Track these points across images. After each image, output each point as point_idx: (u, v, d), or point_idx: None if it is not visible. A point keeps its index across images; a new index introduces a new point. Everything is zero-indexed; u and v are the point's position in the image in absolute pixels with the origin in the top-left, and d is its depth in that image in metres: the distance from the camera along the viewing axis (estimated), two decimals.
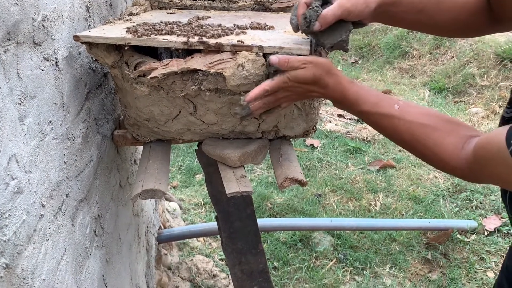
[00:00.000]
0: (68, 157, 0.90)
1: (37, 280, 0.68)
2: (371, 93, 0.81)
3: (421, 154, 0.78)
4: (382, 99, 0.80)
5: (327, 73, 0.82)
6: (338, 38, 0.86)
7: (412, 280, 2.10)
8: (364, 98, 0.80)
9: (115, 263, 1.19)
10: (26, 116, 0.72)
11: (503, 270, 0.83)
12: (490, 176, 0.67)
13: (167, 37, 0.94)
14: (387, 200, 2.57)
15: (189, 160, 3.06)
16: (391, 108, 0.78)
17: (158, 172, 1.03)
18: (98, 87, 1.15)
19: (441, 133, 0.74)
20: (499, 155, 0.60)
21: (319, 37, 0.88)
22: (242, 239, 1.41)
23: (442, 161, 0.74)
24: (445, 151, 0.73)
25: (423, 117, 0.76)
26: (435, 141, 0.74)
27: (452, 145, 0.72)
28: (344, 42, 0.87)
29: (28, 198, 0.68)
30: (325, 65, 0.82)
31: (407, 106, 0.79)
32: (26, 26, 0.74)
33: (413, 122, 0.76)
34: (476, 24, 0.87)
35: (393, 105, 0.78)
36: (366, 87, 0.83)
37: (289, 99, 0.88)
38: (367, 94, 0.81)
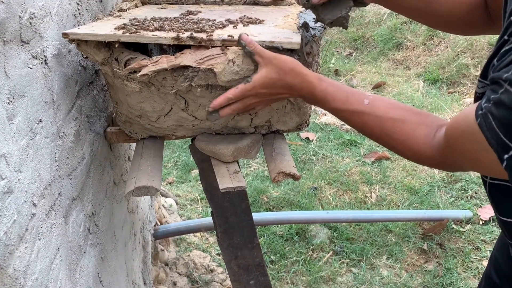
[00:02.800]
0: (59, 155, 0.89)
1: (29, 280, 0.68)
2: (341, 89, 0.81)
3: (393, 147, 0.78)
4: (351, 95, 0.79)
5: (290, 73, 0.81)
6: (338, 14, 0.86)
7: (409, 271, 2.12)
8: (333, 95, 0.80)
9: (110, 261, 1.19)
10: (15, 115, 0.71)
11: (492, 260, 0.83)
12: (462, 157, 0.66)
13: (157, 33, 0.94)
14: (382, 191, 2.58)
15: (185, 155, 3.06)
16: (360, 104, 0.78)
17: (151, 169, 1.02)
18: (89, 85, 1.14)
19: (411, 125, 0.74)
20: (468, 131, 0.59)
21: (319, 12, 0.89)
22: (237, 233, 1.41)
23: (415, 152, 0.74)
24: (417, 142, 0.72)
25: (392, 110, 0.76)
26: (406, 133, 0.74)
27: (423, 135, 0.72)
28: (344, 18, 0.87)
29: (18, 197, 0.68)
30: (289, 64, 0.81)
31: (376, 100, 0.78)
32: (13, 24, 0.73)
33: (382, 117, 0.76)
34: (473, 21, 0.87)
35: (363, 100, 0.78)
36: (336, 83, 0.83)
37: (261, 103, 0.89)
38: (336, 91, 0.80)
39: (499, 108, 0.53)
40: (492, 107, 0.54)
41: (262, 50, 0.84)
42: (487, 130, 0.55)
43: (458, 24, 0.89)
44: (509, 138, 0.53)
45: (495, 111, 0.53)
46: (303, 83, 0.82)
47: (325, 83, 0.82)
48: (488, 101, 0.55)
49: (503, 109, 0.52)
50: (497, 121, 0.53)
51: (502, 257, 0.80)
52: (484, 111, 0.55)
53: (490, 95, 0.55)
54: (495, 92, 0.54)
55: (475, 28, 0.89)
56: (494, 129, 0.54)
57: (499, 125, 0.53)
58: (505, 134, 0.53)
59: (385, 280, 2.06)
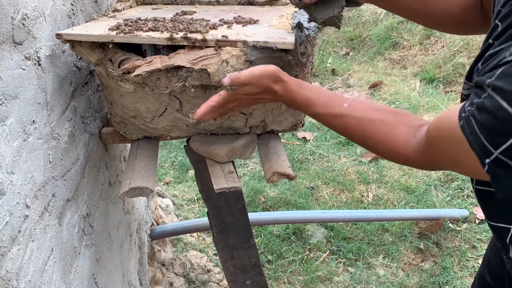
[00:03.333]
0: (53, 156, 0.89)
1: (22, 282, 0.68)
2: (320, 94, 0.82)
3: (374, 148, 0.78)
4: (331, 99, 0.80)
5: (274, 82, 0.82)
6: (330, 13, 0.86)
7: (405, 270, 2.12)
8: (313, 101, 0.81)
9: (105, 262, 1.19)
10: (8, 116, 0.71)
11: (485, 261, 0.83)
12: (442, 158, 0.66)
13: (150, 34, 0.93)
14: (379, 191, 2.58)
15: (182, 156, 3.06)
16: (340, 107, 0.79)
17: (145, 170, 1.02)
18: (84, 85, 1.14)
19: (390, 126, 0.74)
20: (450, 132, 0.60)
21: (311, 12, 0.88)
22: (233, 234, 1.41)
23: (395, 152, 0.74)
24: (397, 142, 0.73)
25: (371, 112, 0.77)
26: (385, 134, 0.74)
27: (403, 135, 0.72)
28: (337, 18, 0.87)
29: (11, 199, 0.67)
30: (272, 74, 0.82)
31: (355, 102, 0.79)
32: (5, 25, 0.73)
33: (362, 119, 0.76)
34: (468, 21, 0.87)
35: (342, 103, 0.79)
36: (316, 89, 0.83)
37: (239, 106, 0.89)
38: (316, 96, 0.81)
39: (482, 112, 0.53)
40: (475, 111, 0.54)
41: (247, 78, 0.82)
42: (470, 133, 0.55)
43: (454, 24, 0.89)
44: (491, 143, 0.53)
45: (478, 116, 0.54)
46: (285, 91, 0.83)
47: (304, 89, 0.83)
48: (472, 105, 0.55)
49: (485, 114, 0.53)
50: (479, 125, 0.54)
51: (494, 258, 0.80)
52: (467, 114, 0.56)
53: (474, 98, 0.55)
54: (478, 96, 0.54)
55: (470, 28, 0.89)
56: (476, 133, 0.54)
57: (481, 129, 0.54)
58: (487, 139, 0.54)
59: (382, 279, 2.06)
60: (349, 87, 3.85)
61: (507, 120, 0.51)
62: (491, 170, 0.55)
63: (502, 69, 0.52)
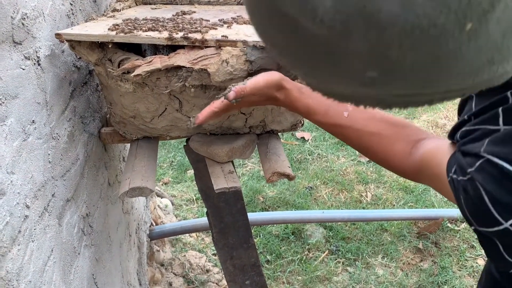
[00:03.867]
0: (53, 156, 0.89)
1: (23, 282, 0.68)
2: (321, 102, 0.82)
3: (372, 159, 0.80)
4: (332, 108, 0.81)
5: (277, 90, 0.83)
6: None
7: (404, 270, 2.12)
8: (314, 109, 0.82)
9: (105, 262, 1.19)
10: (7, 116, 0.71)
11: None
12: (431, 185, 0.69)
13: (150, 33, 0.93)
14: (378, 191, 2.59)
15: (180, 156, 3.05)
16: (340, 116, 0.79)
17: (145, 170, 1.02)
18: (83, 85, 1.14)
19: (389, 140, 0.75)
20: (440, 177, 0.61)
21: None
22: (233, 234, 1.41)
23: (391, 166, 0.76)
24: (394, 157, 0.74)
25: (371, 123, 0.77)
26: (383, 148, 0.75)
27: (400, 151, 0.74)
28: None
29: (11, 199, 0.67)
30: (277, 83, 0.83)
31: (356, 112, 0.79)
32: (5, 25, 0.72)
33: (361, 131, 0.77)
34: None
35: (342, 113, 0.79)
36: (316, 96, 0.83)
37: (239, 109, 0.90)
38: (317, 104, 0.82)
39: (466, 193, 0.54)
40: (459, 186, 0.55)
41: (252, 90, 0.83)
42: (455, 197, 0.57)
43: None
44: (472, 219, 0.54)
45: (462, 193, 0.55)
46: (287, 98, 0.84)
47: (306, 96, 0.83)
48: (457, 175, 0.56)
49: (468, 197, 0.54)
50: (464, 200, 0.55)
51: None
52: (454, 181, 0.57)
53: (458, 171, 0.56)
54: (462, 173, 0.55)
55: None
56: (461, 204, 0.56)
57: (465, 204, 0.55)
58: (470, 215, 0.55)
59: (381, 279, 2.07)
60: None
61: (487, 213, 0.51)
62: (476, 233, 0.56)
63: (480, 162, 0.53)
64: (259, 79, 0.83)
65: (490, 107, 0.56)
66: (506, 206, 0.50)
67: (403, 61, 0.30)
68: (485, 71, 0.33)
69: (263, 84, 0.82)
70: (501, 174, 0.50)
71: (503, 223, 0.51)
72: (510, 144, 0.51)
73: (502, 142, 0.52)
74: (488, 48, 0.30)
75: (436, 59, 0.30)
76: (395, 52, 0.30)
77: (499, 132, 0.53)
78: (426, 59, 0.30)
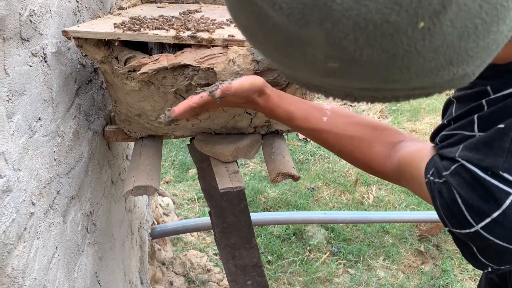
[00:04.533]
0: (58, 154, 0.89)
1: (28, 279, 0.68)
2: (300, 108, 0.82)
3: (352, 162, 0.80)
4: (311, 113, 0.81)
5: (259, 95, 0.83)
6: None
7: (405, 272, 2.12)
8: (293, 115, 0.82)
9: (108, 260, 1.18)
10: (14, 113, 0.71)
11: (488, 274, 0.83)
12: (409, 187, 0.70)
13: (157, 32, 0.93)
14: (380, 193, 2.58)
15: (182, 155, 3.05)
16: (319, 122, 0.80)
17: (150, 168, 1.02)
18: (88, 83, 1.14)
19: (368, 143, 0.76)
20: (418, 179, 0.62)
21: None
22: (235, 234, 1.41)
23: (371, 168, 0.77)
24: (373, 161, 0.75)
25: (350, 127, 0.78)
26: (363, 152, 0.76)
27: (379, 154, 0.74)
28: None
29: (17, 196, 0.67)
30: (259, 88, 0.83)
31: (335, 116, 0.80)
32: (13, 21, 0.72)
33: (340, 135, 0.78)
34: None
35: (322, 117, 0.80)
36: (297, 102, 0.84)
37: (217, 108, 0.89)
38: (297, 111, 0.82)
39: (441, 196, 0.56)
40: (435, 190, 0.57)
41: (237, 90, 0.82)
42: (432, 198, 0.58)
43: None
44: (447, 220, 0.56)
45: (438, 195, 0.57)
46: (267, 103, 0.84)
47: (285, 103, 0.83)
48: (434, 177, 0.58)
49: (443, 199, 0.55)
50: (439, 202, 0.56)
51: None
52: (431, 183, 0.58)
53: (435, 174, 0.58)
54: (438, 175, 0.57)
55: None
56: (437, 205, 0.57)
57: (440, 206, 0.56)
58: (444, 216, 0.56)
59: (382, 281, 2.06)
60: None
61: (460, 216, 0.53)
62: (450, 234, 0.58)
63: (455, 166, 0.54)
64: (245, 81, 0.82)
65: (467, 113, 0.58)
66: (477, 210, 0.52)
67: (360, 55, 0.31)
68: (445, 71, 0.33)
69: (247, 87, 0.82)
70: (473, 179, 0.52)
71: (474, 226, 0.53)
72: (482, 150, 0.53)
73: (475, 148, 0.54)
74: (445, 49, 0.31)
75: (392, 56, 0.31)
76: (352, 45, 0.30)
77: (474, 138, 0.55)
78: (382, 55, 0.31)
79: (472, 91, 0.59)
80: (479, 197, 0.52)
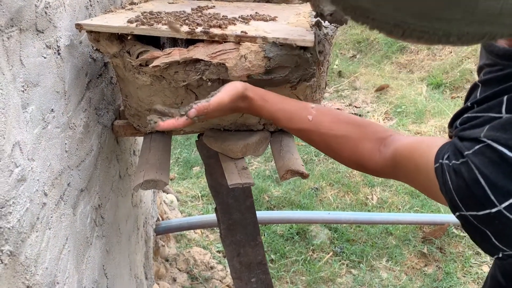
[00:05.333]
0: (69, 146, 0.89)
1: (40, 268, 0.68)
2: (284, 109, 0.82)
3: (341, 162, 0.80)
4: (295, 114, 0.81)
5: (242, 101, 0.83)
6: None
7: (408, 274, 2.12)
8: (278, 116, 0.82)
9: (114, 253, 1.19)
10: (29, 103, 0.71)
11: (497, 263, 0.83)
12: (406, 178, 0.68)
13: None
14: (384, 194, 2.58)
15: (186, 152, 3.06)
16: (304, 122, 0.80)
17: (159, 163, 1.02)
18: (98, 77, 1.14)
19: (355, 141, 0.76)
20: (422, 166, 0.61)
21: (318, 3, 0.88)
22: (241, 231, 1.41)
23: (362, 166, 0.76)
24: (362, 158, 0.75)
25: (335, 126, 0.78)
26: (350, 149, 0.76)
27: (367, 150, 0.74)
28: None
29: (31, 186, 0.68)
30: (241, 95, 0.83)
31: (320, 115, 0.80)
32: (29, 12, 0.73)
33: (326, 134, 0.78)
34: None
35: (306, 117, 0.80)
36: (281, 102, 0.83)
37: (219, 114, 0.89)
38: (281, 111, 0.82)
39: (458, 176, 0.55)
40: (451, 171, 0.56)
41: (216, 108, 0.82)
42: (443, 183, 0.57)
43: None
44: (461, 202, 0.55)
45: (453, 176, 0.56)
46: (250, 106, 0.84)
47: (269, 104, 0.83)
48: (449, 160, 0.57)
49: (461, 181, 0.55)
50: (453, 184, 0.56)
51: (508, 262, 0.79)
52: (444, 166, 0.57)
53: (452, 156, 0.57)
54: (456, 157, 0.56)
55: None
56: (450, 189, 0.56)
57: (454, 188, 0.56)
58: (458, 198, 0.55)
59: (385, 283, 2.06)
60: (356, 89, 3.85)
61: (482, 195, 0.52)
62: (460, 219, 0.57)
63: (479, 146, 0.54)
64: (224, 96, 0.82)
65: (495, 95, 0.58)
66: (502, 189, 0.51)
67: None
68: None
69: (228, 101, 0.82)
70: (500, 159, 0.52)
71: (497, 205, 0.52)
72: (510, 130, 0.52)
73: (503, 128, 0.53)
74: None
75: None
76: None
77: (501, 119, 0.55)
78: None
79: (502, 73, 0.59)
80: (505, 176, 0.51)
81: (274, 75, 0.94)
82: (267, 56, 0.92)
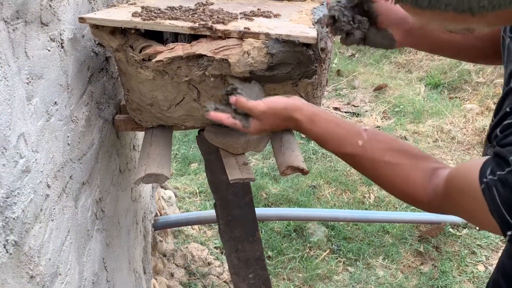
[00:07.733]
0: (72, 139, 0.90)
1: (43, 259, 0.69)
2: (334, 132, 0.80)
3: (389, 190, 0.78)
4: (345, 137, 0.78)
5: (286, 120, 0.82)
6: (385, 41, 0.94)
7: (404, 272, 2.13)
8: (325, 139, 0.80)
9: (114, 247, 1.19)
10: (33, 95, 0.72)
11: (499, 267, 0.83)
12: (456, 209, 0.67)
13: (174, 22, 0.94)
14: (381, 193, 2.60)
15: (184, 149, 3.06)
16: (354, 146, 0.77)
17: (160, 157, 1.03)
18: (100, 71, 1.15)
19: (405, 169, 0.73)
20: (470, 190, 0.59)
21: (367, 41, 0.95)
22: (239, 227, 1.42)
23: (410, 195, 0.74)
24: (413, 186, 0.72)
25: (387, 153, 0.75)
26: (401, 178, 0.73)
27: (419, 179, 0.72)
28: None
29: (35, 177, 0.68)
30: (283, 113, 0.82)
31: (371, 140, 0.77)
32: (34, 5, 0.73)
33: (377, 161, 0.75)
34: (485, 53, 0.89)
35: (357, 141, 0.77)
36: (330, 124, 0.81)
37: None
38: (329, 134, 0.80)
39: (505, 187, 0.54)
40: (498, 183, 0.54)
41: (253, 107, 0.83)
42: (491, 201, 0.56)
43: (473, 55, 0.92)
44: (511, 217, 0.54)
45: (501, 189, 0.54)
46: (298, 128, 0.83)
47: (317, 126, 0.81)
48: (493, 174, 0.55)
49: (508, 190, 0.53)
50: (501, 198, 0.54)
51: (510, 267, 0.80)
52: (489, 182, 0.56)
53: (496, 169, 0.55)
54: (501, 167, 0.55)
55: (488, 59, 0.92)
56: (498, 205, 0.55)
57: (503, 202, 0.54)
58: (508, 213, 0.54)
59: (381, 280, 2.08)
60: (354, 88, 3.86)
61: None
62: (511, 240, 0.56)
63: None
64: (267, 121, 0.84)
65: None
66: None
67: None
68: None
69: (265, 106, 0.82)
70: None
71: None
72: None
73: None
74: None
75: None
76: None
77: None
78: None
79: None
80: None
81: (277, 72, 0.95)
82: (270, 52, 0.92)
